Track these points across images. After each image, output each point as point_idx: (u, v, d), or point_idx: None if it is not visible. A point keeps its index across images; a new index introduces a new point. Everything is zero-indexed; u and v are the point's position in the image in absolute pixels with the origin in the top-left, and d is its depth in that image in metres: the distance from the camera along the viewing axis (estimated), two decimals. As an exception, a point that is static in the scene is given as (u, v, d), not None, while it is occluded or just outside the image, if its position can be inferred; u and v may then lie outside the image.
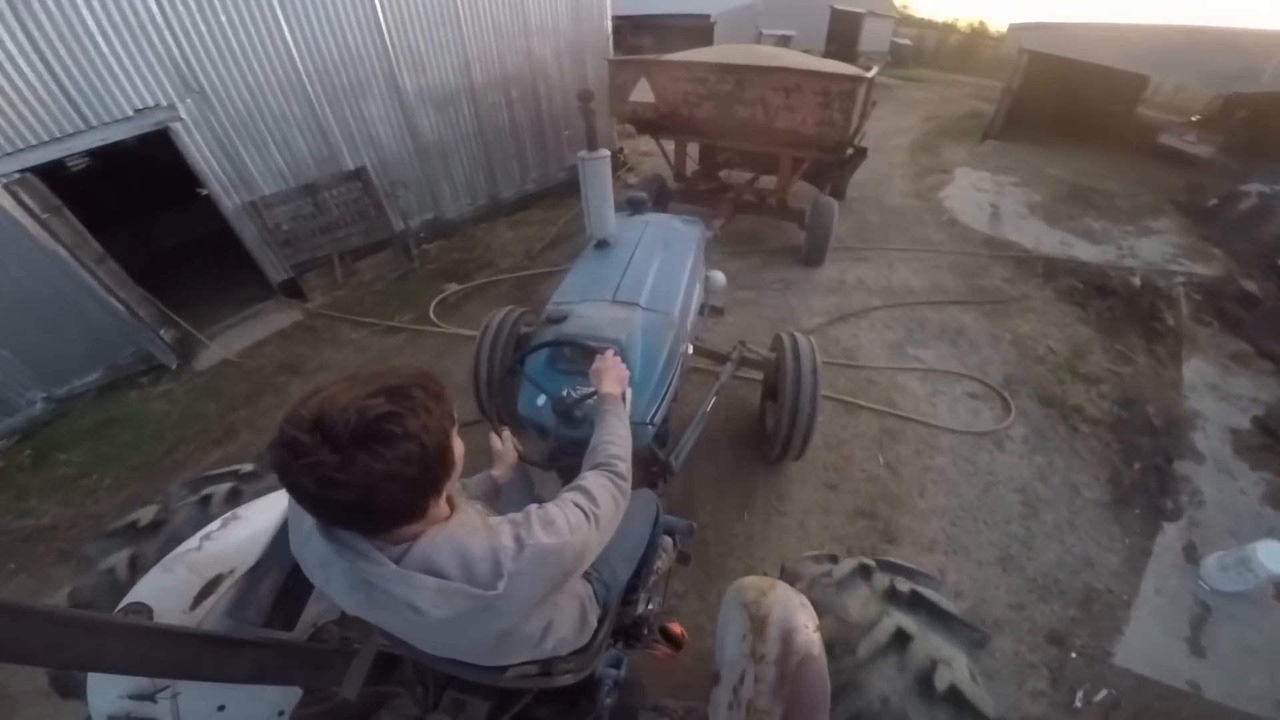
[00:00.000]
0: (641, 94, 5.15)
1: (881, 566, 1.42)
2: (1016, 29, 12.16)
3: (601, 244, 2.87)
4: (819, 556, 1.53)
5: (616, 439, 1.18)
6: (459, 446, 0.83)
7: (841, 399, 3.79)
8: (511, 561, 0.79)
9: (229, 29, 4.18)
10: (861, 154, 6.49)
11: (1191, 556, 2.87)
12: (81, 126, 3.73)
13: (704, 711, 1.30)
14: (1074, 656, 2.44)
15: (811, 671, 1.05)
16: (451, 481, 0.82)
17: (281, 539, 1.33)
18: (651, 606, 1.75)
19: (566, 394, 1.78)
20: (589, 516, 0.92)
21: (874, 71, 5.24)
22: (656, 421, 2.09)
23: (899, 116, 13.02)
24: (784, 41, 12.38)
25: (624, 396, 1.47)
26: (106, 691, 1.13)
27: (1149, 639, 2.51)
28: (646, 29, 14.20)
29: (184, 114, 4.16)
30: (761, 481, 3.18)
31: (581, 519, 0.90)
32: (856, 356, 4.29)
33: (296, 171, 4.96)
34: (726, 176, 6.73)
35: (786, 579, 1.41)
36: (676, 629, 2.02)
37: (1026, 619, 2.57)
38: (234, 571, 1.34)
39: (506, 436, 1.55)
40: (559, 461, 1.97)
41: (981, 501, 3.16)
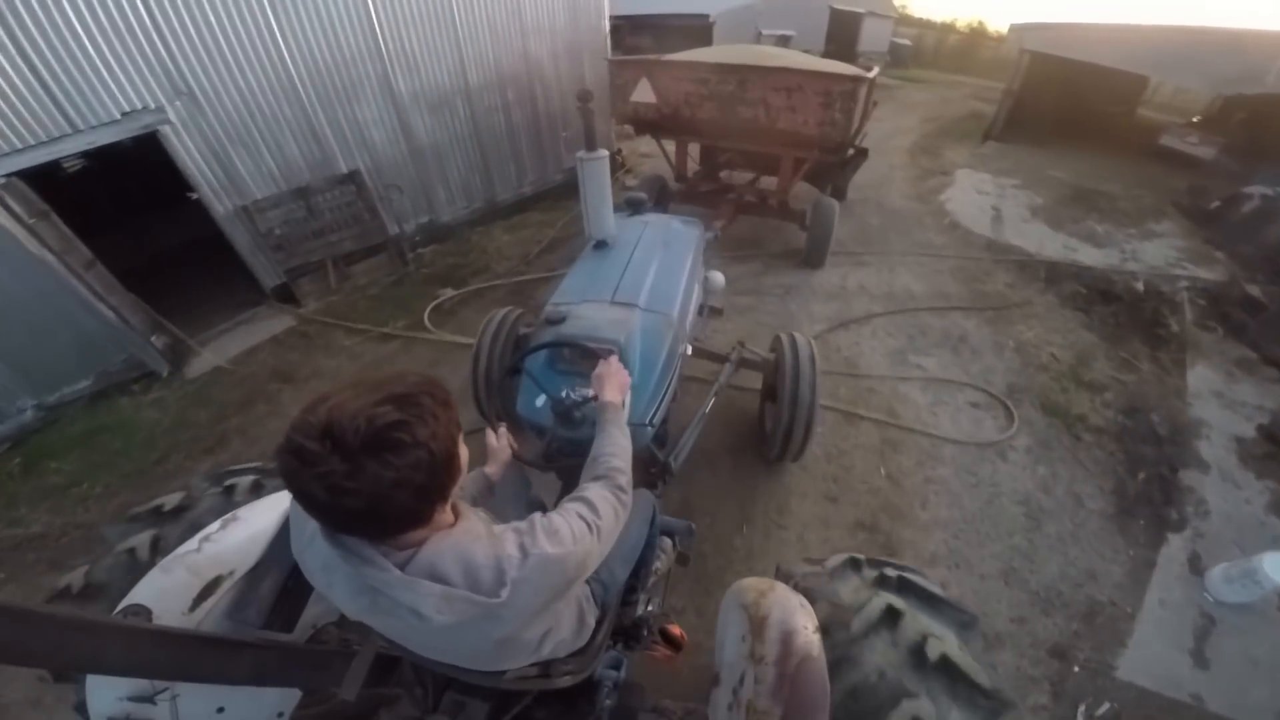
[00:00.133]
0: (643, 94, 5.12)
1: (870, 561, 1.48)
2: (1018, 29, 12.11)
3: (600, 244, 2.86)
4: (811, 559, 1.58)
5: (618, 450, 1.18)
6: (464, 453, 0.83)
7: (842, 409, 3.74)
8: (516, 570, 0.79)
9: (219, 30, 4.11)
10: (863, 155, 6.46)
11: (1196, 568, 2.85)
12: (68, 130, 3.65)
13: (703, 713, 1.31)
14: (1076, 670, 2.41)
15: (811, 672, 1.06)
16: (457, 488, 0.82)
17: (281, 540, 1.34)
18: (651, 608, 1.76)
19: (565, 395, 1.78)
20: (591, 527, 0.93)
21: (875, 72, 5.22)
22: (655, 422, 2.09)
23: (899, 117, 12.98)
24: (783, 41, 12.33)
25: (624, 404, 1.46)
26: (106, 693, 1.13)
27: (1152, 651, 2.49)
28: (645, 29, 14.16)
29: (173, 117, 4.09)
30: (761, 493, 3.14)
31: (585, 529, 0.91)
32: (857, 365, 4.24)
33: (289, 175, 4.89)
34: (728, 177, 6.71)
35: (780, 578, 1.43)
36: (676, 630, 2.02)
37: (1028, 633, 2.55)
38: (233, 573, 1.34)
39: (502, 433, 1.55)
40: (557, 462, 1.99)
41: (984, 513, 3.12)
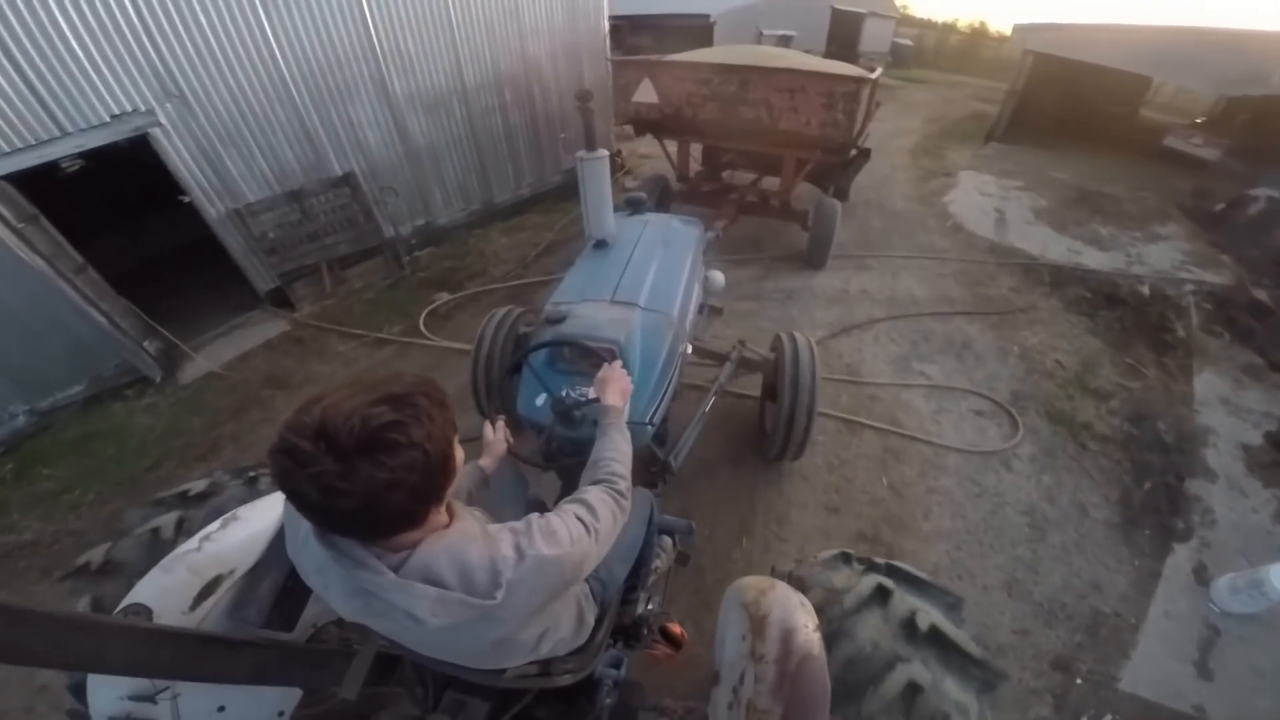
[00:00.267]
0: (645, 94, 5.11)
1: (860, 558, 1.54)
2: (1021, 29, 12.05)
3: (600, 244, 2.87)
4: (803, 560, 1.66)
5: (618, 455, 1.19)
6: (460, 454, 0.83)
7: (844, 417, 3.68)
8: (511, 571, 0.79)
9: (209, 32, 4.04)
10: (865, 155, 6.42)
11: (1202, 578, 2.82)
12: (56, 133, 3.59)
13: (704, 711, 1.31)
14: (1079, 682, 2.38)
15: (811, 671, 1.06)
16: (452, 489, 0.81)
17: (281, 540, 1.31)
18: (651, 606, 1.75)
19: (565, 394, 1.79)
20: (589, 530, 0.92)
21: (878, 72, 5.19)
22: (655, 421, 2.09)
23: (901, 118, 12.90)
24: (784, 42, 12.24)
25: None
26: (107, 693, 1.14)
27: (1156, 663, 2.46)
28: (646, 29, 14.13)
29: (164, 119, 4.03)
30: (760, 505, 3.08)
31: (582, 531, 0.91)
32: (860, 372, 4.18)
33: (282, 178, 4.82)
34: (730, 177, 6.69)
35: (776, 576, 1.47)
36: (676, 629, 2.01)
37: (1031, 645, 2.52)
38: (234, 572, 1.34)
39: (499, 426, 1.54)
40: (557, 461, 2.02)
41: (987, 524, 3.07)
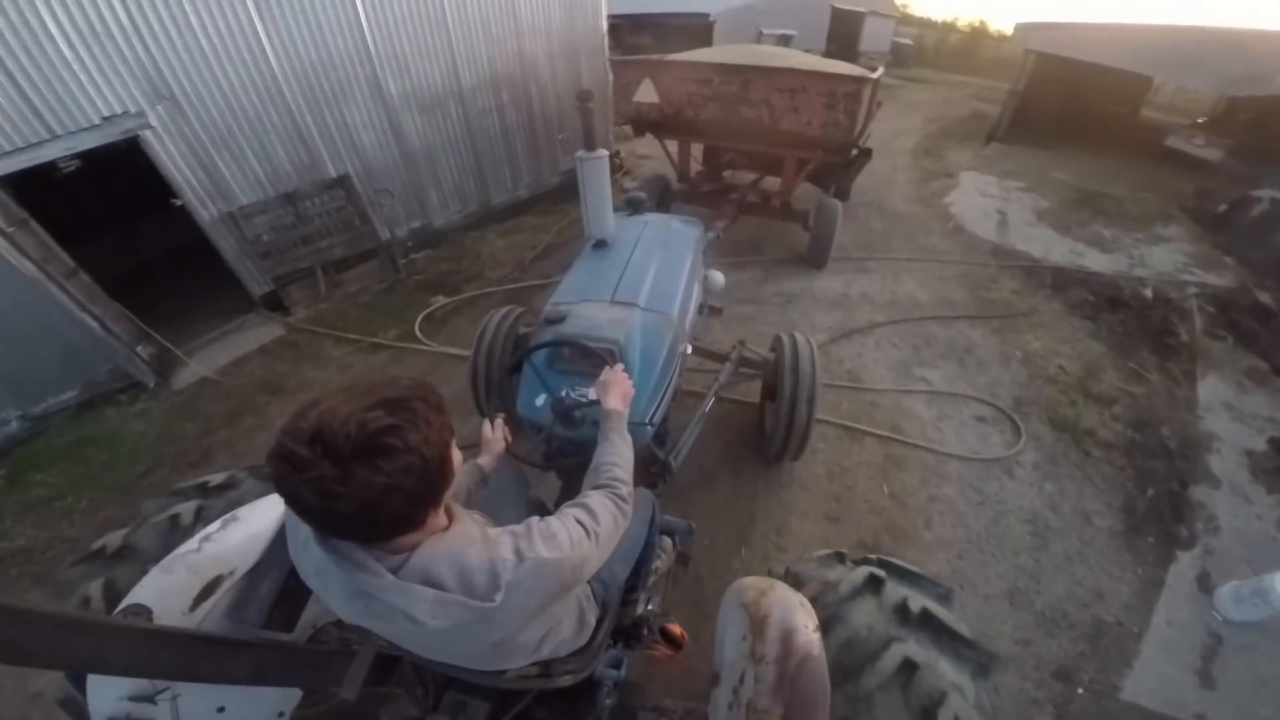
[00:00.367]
0: (645, 94, 5.09)
1: (853, 557, 1.56)
2: (1024, 29, 11.99)
3: (600, 244, 2.86)
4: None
5: (620, 460, 1.19)
6: (457, 457, 0.83)
7: (845, 424, 3.63)
8: (510, 573, 0.79)
9: (200, 33, 3.98)
10: (866, 155, 6.38)
11: (1205, 586, 2.79)
12: (45, 135, 3.54)
13: (704, 712, 1.31)
14: (1080, 692, 2.36)
15: (811, 672, 1.06)
16: (450, 491, 0.81)
17: (281, 540, 1.34)
18: (651, 607, 1.76)
19: (565, 394, 1.79)
20: (590, 533, 0.93)
21: (879, 72, 5.14)
22: (655, 421, 2.09)
23: (901, 118, 12.83)
24: (784, 41, 12.18)
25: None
26: (106, 693, 1.14)
27: (1158, 672, 2.44)
28: (645, 28, 14.08)
29: (154, 121, 3.97)
30: (760, 514, 3.04)
31: (582, 534, 0.91)
32: (860, 377, 4.13)
33: (276, 180, 4.76)
34: (730, 177, 6.65)
35: (772, 575, 1.48)
36: (676, 629, 2.00)
37: (1033, 654, 2.49)
38: (234, 573, 1.34)
39: (498, 425, 1.54)
40: (557, 462, 2.02)
41: (990, 533, 3.03)
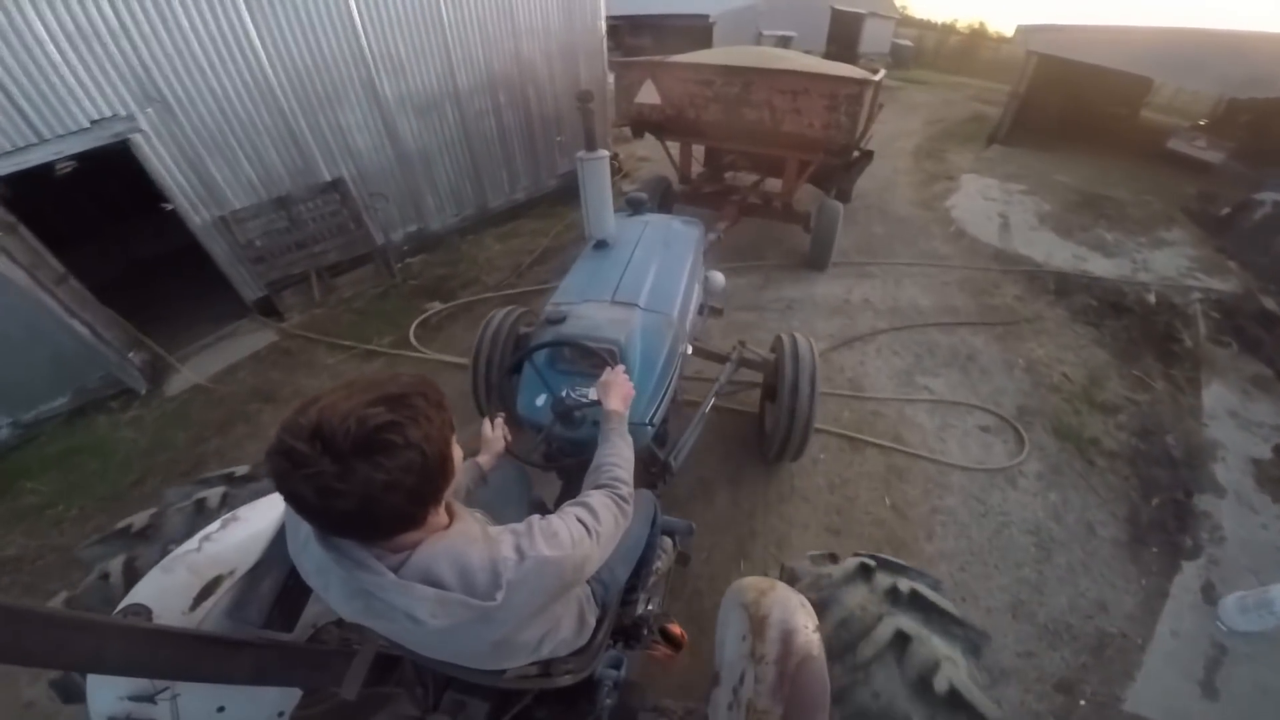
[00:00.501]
0: (647, 95, 5.08)
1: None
2: (1025, 31, 11.96)
3: (600, 244, 2.86)
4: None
5: (621, 460, 1.19)
6: (458, 454, 0.83)
7: (846, 434, 3.57)
8: (512, 572, 0.79)
9: (191, 35, 3.91)
10: (868, 157, 6.36)
11: (1210, 596, 2.75)
12: (33, 139, 3.47)
13: (704, 712, 1.31)
14: (1082, 704, 2.34)
15: (811, 672, 1.06)
16: (450, 489, 0.81)
17: (281, 540, 1.35)
18: (651, 607, 1.76)
19: (565, 394, 1.79)
20: (591, 532, 0.93)
21: (881, 74, 5.11)
22: (656, 422, 2.09)
23: (901, 120, 12.79)
24: (784, 42, 12.15)
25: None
26: (106, 693, 1.14)
27: (1161, 683, 2.41)
28: (645, 29, 14.05)
29: (144, 125, 3.90)
30: (760, 527, 2.98)
31: (583, 533, 0.91)
32: (862, 386, 4.07)
33: (269, 184, 4.69)
34: (732, 179, 6.63)
35: (785, 578, 1.48)
36: (676, 630, 1.99)
37: (1035, 667, 2.45)
38: (234, 572, 1.34)
39: (498, 424, 1.54)
40: (557, 462, 2.03)
41: (992, 544, 2.98)
